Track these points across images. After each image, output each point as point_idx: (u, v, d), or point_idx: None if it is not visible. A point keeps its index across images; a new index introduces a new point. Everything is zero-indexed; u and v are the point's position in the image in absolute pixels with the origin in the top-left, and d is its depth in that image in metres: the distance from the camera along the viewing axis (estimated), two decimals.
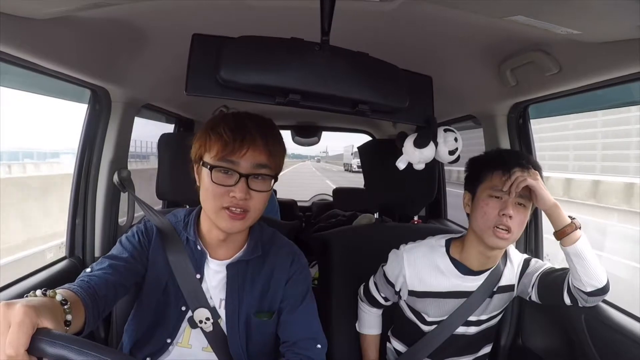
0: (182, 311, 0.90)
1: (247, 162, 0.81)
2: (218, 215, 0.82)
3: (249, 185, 0.80)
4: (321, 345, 0.92)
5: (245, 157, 0.80)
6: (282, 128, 3.01)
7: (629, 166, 10.98)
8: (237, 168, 0.80)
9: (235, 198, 0.80)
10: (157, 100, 1.73)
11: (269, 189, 0.84)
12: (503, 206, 0.99)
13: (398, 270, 1.12)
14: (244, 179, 0.80)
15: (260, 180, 0.82)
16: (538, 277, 1.08)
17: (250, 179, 0.81)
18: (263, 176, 0.82)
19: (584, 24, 0.79)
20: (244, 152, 0.80)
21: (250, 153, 0.80)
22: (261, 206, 0.84)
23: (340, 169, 32.71)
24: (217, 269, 0.91)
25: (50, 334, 0.51)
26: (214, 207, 0.82)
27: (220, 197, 0.81)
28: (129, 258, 0.87)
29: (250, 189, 0.81)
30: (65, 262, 1.33)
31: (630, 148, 12.00)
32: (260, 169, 0.82)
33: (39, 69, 1.00)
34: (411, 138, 1.03)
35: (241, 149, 0.80)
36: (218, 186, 0.80)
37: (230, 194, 0.80)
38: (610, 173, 10.59)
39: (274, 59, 0.75)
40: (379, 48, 0.84)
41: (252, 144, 0.80)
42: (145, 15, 0.96)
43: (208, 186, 0.82)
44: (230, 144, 0.80)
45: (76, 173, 1.38)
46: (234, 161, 0.80)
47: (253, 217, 0.84)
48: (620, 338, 1.02)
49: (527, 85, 1.17)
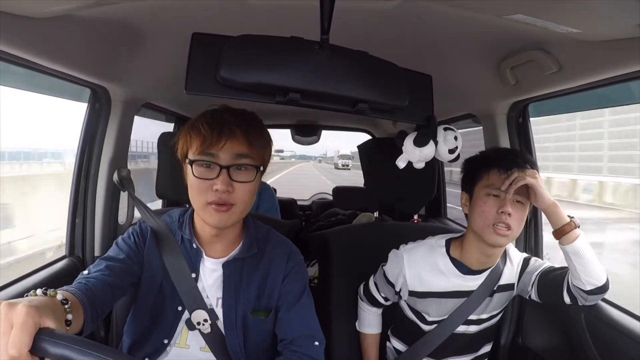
0: (178, 311, 0.90)
1: (226, 153, 0.81)
2: (205, 211, 0.83)
3: (231, 177, 0.81)
4: (319, 343, 0.92)
5: (224, 148, 0.81)
6: (282, 127, 3.02)
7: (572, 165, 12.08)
8: (217, 160, 0.81)
9: (218, 191, 0.80)
10: (157, 99, 1.73)
11: (252, 179, 0.84)
12: (501, 204, 0.99)
13: (398, 270, 1.12)
14: (225, 171, 0.81)
15: (243, 171, 0.82)
16: (538, 276, 1.09)
17: (231, 170, 0.81)
18: (245, 166, 0.83)
19: (583, 23, 0.79)
20: (223, 143, 0.81)
21: (229, 144, 0.81)
22: (247, 198, 0.84)
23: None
24: (213, 268, 0.91)
25: (52, 334, 0.51)
26: (199, 203, 0.83)
27: (205, 192, 0.81)
28: (125, 259, 0.88)
29: (233, 181, 0.81)
30: (65, 261, 1.33)
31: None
32: (241, 159, 0.82)
33: (38, 68, 0.99)
34: (411, 137, 1.03)
35: (219, 141, 0.81)
36: (201, 181, 0.81)
37: (213, 187, 0.80)
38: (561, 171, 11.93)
39: (273, 57, 0.75)
40: (378, 47, 0.84)
41: (230, 136, 0.81)
42: (146, 14, 0.96)
43: (192, 182, 0.83)
44: (208, 137, 0.81)
45: (76, 172, 1.37)
46: (213, 154, 0.81)
47: (240, 210, 0.84)
48: (620, 336, 1.02)
49: (527, 83, 1.17)
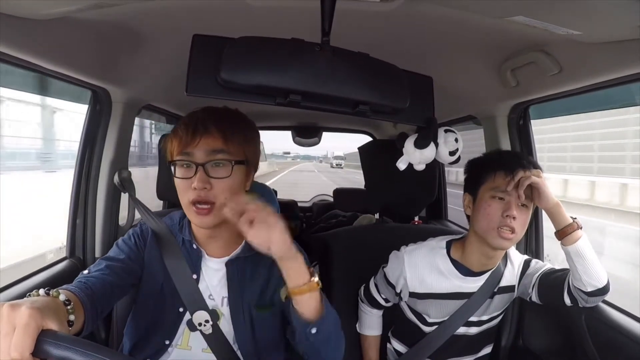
0: (180, 312, 0.90)
1: (200, 150, 0.81)
2: (189, 211, 0.84)
3: (208, 174, 0.81)
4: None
5: (198, 146, 0.81)
6: (282, 129, 3.02)
7: None
8: (193, 158, 0.81)
9: (196, 189, 0.80)
10: (158, 100, 1.73)
11: (229, 174, 0.82)
12: (506, 207, 0.98)
13: (399, 271, 1.12)
14: (201, 168, 0.81)
15: (219, 167, 0.82)
16: (538, 278, 1.08)
17: (207, 166, 0.81)
18: (221, 162, 0.82)
19: (584, 24, 0.79)
20: (197, 141, 0.81)
21: (203, 141, 0.81)
22: (227, 194, 0.82)
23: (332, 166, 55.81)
24: (216, 267, 0.91)
25: (55, 336, 0.50)
26: (184, 204, 0.84)
27: (186, 191, 0.82)
28: (125, 259, 0.87)
29: (210, 177, 0.81)
30: (66, 263, 1.33)
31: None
32: (216, 155, 0.82)
33: (39, 69, 0.99)
34: (412, 139, 1.03)
35: (194, 140, 0.81)
36: (181, 180, 0.82)
37: (192, 185, 0.81)
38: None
39: (274, 59, 0.75)
40: (379, 48, 0.84)
41: (204, 133, 0.81)
42: (146, 15, 0.96)
43: (176, 183, 0.84)
44: (184, 137, 0.82)
45: (77, 173, 1.37)
46: (189, 152, 0.82)
47: (221, 207, 0.81)
48: (620, 338, 1.01)
49: (527, 85, 1.16)
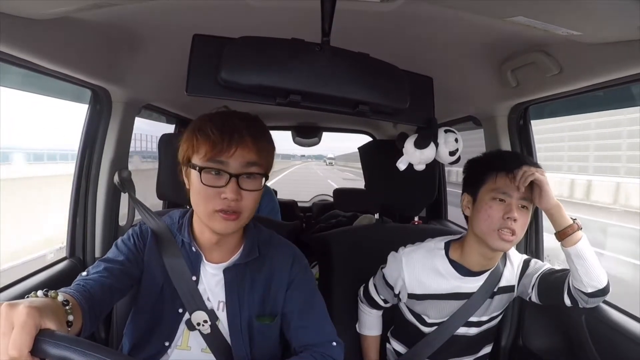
0: (179, 313, 0.89)
1: (236, 161, 0.79)
2: (211, 218, 0.81)
3: (239, 185, 0.79)
4: (336, 343, 0.90)
5: (234, 156, 0.78)
6: (282, 129, 3.02)
7: None
8: (227, 168, 0.79)
9: (227, 200, 0.78)
10: (158, 100, 1.73)
11: (260, 187, 0.82)
12: (507, 209, 0.97)
13: (397, 273, 1.12)
14: (235, 179, 0.78)
15: (251, 179, 0.81)
16: (538, 278, 1.08)
17: (240, 178, 0.79)
18: (254, 175, 0.81)
19: (584, 25, 0.79)
20: (233, 151, 0.78)
21: (239, 152, 0.78)
22: (253, 205, 0.82)
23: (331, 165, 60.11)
24: (213, 272, 0.90)
25: (53, 335, 0.50)
26: (206, 211, 0.80)
27: (212, 199, 0.79)
28: (124, 261, 0.86)
29: (241, 189, 0.79)
30: (66, 263, 1.33)
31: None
32: (250, 167, 0.80)
33: (39, 69, 1.00)
34: (412, 139, 1.03)
35: (230, 149, 0.78)
36: (208, 188, 0.79)
37: (222, 195, 0.78)
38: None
39: (274, 59, 0.75)
40: (379, 49, 0.84)
41: (240, 143, 0.78)
42: (146, 15, 0.96)
43: (199, 189, 0.80)
44: (218, 143, 0.78)
45: (77, 173, 1.37)
46: (223, 161, 0.79)
47: (246, 217, 0.83)
48: (620, 338, 1.02)
49: (527, 86, 1.16)
